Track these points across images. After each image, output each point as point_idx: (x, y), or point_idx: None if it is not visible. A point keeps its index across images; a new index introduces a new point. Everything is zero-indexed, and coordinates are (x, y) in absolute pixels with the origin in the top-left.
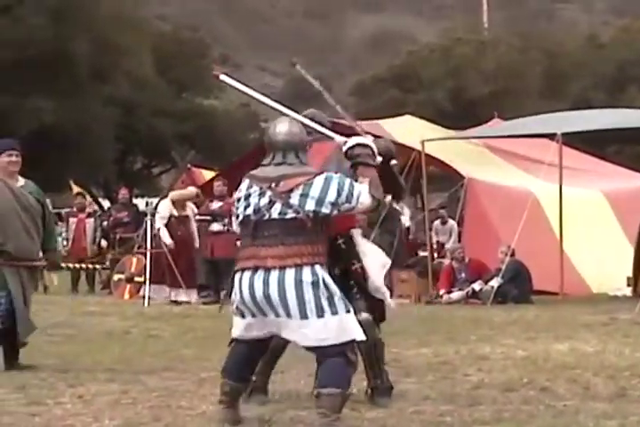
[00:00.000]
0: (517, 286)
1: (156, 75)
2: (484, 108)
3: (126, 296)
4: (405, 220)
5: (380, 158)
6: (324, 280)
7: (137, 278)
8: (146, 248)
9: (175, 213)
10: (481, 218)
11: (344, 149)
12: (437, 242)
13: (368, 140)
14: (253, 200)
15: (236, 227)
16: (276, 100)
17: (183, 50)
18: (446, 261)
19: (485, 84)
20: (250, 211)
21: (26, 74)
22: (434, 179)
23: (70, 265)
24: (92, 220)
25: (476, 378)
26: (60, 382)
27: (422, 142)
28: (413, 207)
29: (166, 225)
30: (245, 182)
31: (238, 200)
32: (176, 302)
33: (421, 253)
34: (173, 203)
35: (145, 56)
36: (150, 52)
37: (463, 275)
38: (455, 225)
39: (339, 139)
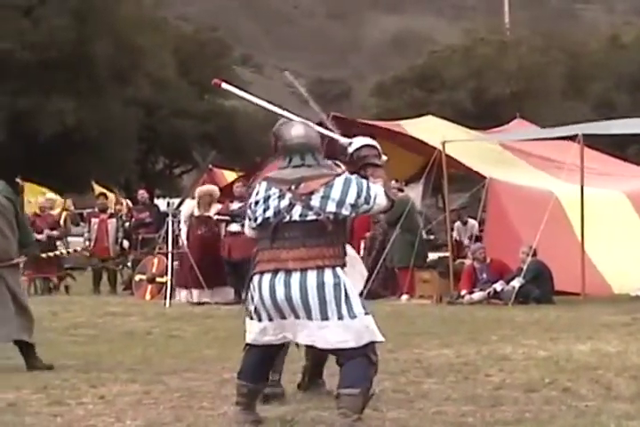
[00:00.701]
0: (539, 286)
1: (178, 75)
2: (506, 109)
3: (148, 297)
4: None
5: (385, 158)
6: (344, 283)
7: (158, 279)
8: (167, 249)
9: (196, 212)
10: (502, 218)
11: (350, 150)
12: (456, 241)
13: (372, 140)
14: (273, 203)
15: (248, 230)
16: (277, 105)
17: (204, 50)
18: (468, 262)
19: (507, 84)
20: (269, 213)
21: (48, 75)
22: (455, 179)
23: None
24: (114, 220)
25: (498, 378)
26: (82, 382)
27: (443, 143)
28: (434, 207)
29: (189, 225)
30: (263, 185)
31: (256, 203)
32: (197, 304)
33: (443, 254)
34: (199, 202)
35: (166, 57)
36: (171, 53)
37: (485, 275)
38: (476, 225)
39: (343, 140)
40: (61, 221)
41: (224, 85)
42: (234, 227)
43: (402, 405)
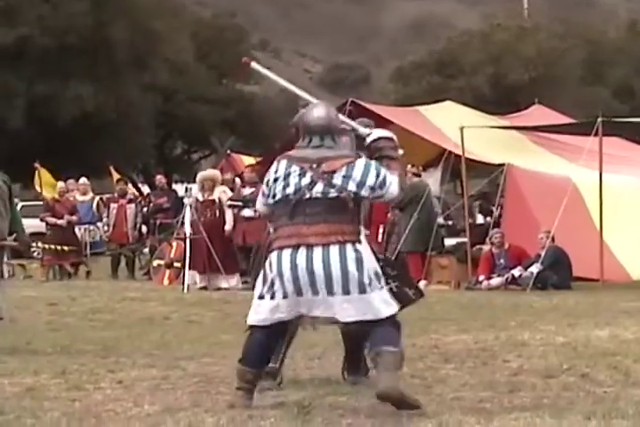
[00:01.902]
0: (557, 272)
1: (196, 61)
2: (525, 95)
3: (166, 282)
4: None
5: (401, 152)
6: (365, 257)
7: (176, 264)
8: (184, 234)
9: (200, 197)
10: (520, 204)
11: (368, 141)
12: (474, 224)
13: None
14: (293, 180)
15: (264, 208)
16: (303, 89)
17: (222, 36)
18: (486, 248)
19: (525, 70)
20: (290, 190)
21: (66, 60)
22: (473, 164)
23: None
24: (132, 205)
25: (516, 364)
26: (100, 367)
27: (461, 129)
28: (453, 193)
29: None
30: (282, 163)
31: (275, 180)
32: (205, 289)
33: (461, 239)
34: (202, 187)
35: (184, 42)
36: (189, 39)
37: (502, 261)
38: (494, 210)
39: (362, 130)
40: (94, 207)
41: (253, 64)
42: (247, 212)
43: (419, 390)
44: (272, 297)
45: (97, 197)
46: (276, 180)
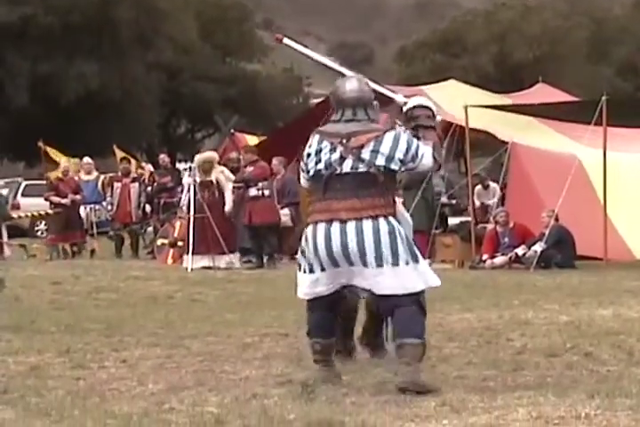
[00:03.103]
0: (561, 251)
1: (200, 40)
2: (529, 73)
3: (169, 261)
4: (438, 183)
5: (439, 118)
6: (399, 230)
7: (180, 243)
8: (188, 213)
9: (198, 178)
10: (525, 183)
11: (404, 109)
12: (482, 204)
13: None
14: (324, 156)
15: (304, 182)
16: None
17: (226, 14)
18: (490, 226)
19: (530, 48)
20: (321, 166)
21: (70, 39)
22: (477, 143)
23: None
24: (136, 184)
25: (520, 343)
26: (104, 346)
27: (465, 108)
28: (457, 172)
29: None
30: (315, 138)
31: (308, 155)
32: (209, 268)
33: (464, 218)
34: (199, 169)
35: (188, 21)
36: (194, 17)
37: (507, 240)
38: (497, 188)
39: (399, 99)
40: (99, 186)
41: (285, 40)
42: (252, 192)
43: (423, 369)
44: (311, 271)
45: (101, 177)
46: (309, 155)
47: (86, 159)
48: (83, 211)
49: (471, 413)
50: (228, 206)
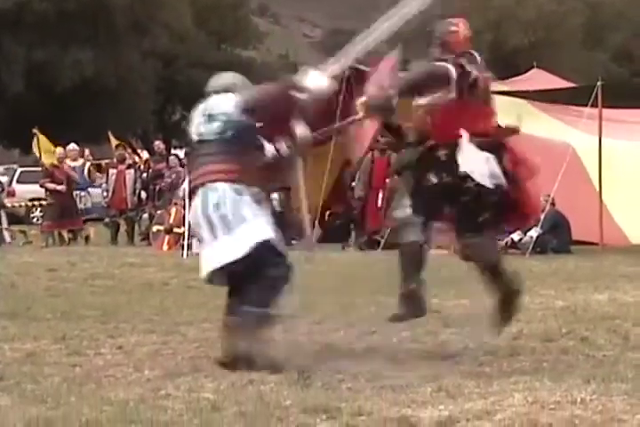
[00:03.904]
0: (557, 236)
1: (195, 26)
2: (524, 59)
3: (165, 247)
4: None
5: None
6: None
7: (176, 230)
8: (184, 199)
9: (185, 161)
10: None
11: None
12: None
13: None
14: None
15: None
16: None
17: (221, 1)
18: None
19: (525, 34)
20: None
21: (65, 26)
22: None
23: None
24: (131, 171)
25: (516, 328)
26: (100, 332)
27: None
28: None
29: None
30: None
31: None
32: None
33: None
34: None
35: (183, 8)
36: (189, 4)
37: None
38: None
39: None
40: (85, 172)
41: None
42: None
43: (419, 355)
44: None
45: (88, 163)
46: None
47: (72, 146)
48: None
49: (467, 398)
50: None
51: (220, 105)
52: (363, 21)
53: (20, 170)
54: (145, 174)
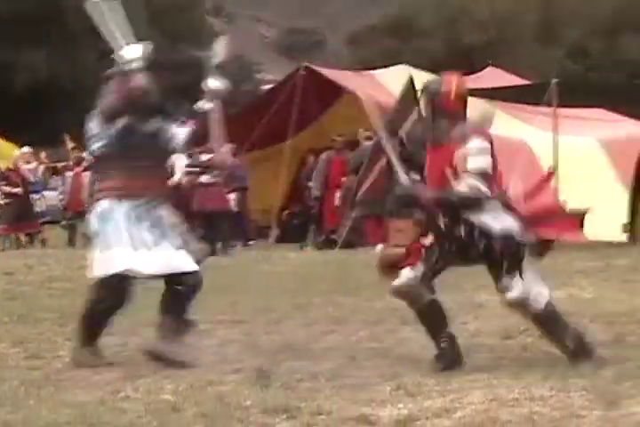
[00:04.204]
0: None
1: (150, 27)
2: (480, 57)
3: None
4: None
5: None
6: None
7: None
8: None
9: None
10: None
11: None
12: None
13: None
14: None
15: None
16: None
17: (176, 1)
18: None
19: (480, 32)
20: None
21: (19, 28)
22: None
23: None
24: (88, 173)
25: (474, 326)
26: (59, 335)
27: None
28: None
29: None
30: None
31: None
32: None
33: None
34: None
35: (137, 8)
36: (143, 4)
37: None
38: None
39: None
40: (39, 175)
41: None
42: (204, 178)
43: (378, 353)
44: None
45: (42, 166)
46: None
47: (25, 148)
48: None
49: (426, 396)
50: (177, 176)
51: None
52: (317, 19)
53: None
54: None
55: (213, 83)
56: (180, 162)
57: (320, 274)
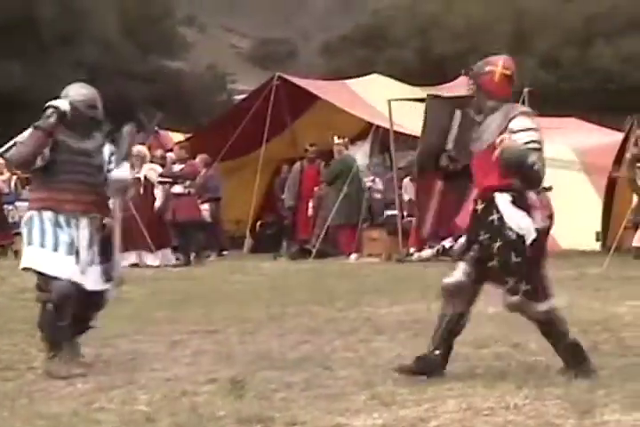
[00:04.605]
0: None
1: (122, 37)
2: (452, 66)
3: None
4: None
5: None
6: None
7: None
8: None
9: None
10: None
11: None
12: (409, 200)
13: None
14: None
15: None
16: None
17: (149, 11)
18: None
19: (453, 41)
20: None
21: None
22: (402, 136)
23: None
24: None
25: None
26: (32, 346)
27: (389, 101)
28: (382, 166)
29: None
30: None
31: None
32: (137, 266)
33: (391, 212)
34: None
35: (110, 19)
36: (115, 15)
37: None
38: None
39: None
40: (11, 185)
41: None
42: (177, 189)
43: (352, 363)
44: None
45: (14, 177)
46: None
47: None
48: None
49: (401, 406)
50: (159, 202)
51: None
52: (289, 29)
53: None
54: None
55: (118, 174)
56: (151, 174)
57: (294, 284)
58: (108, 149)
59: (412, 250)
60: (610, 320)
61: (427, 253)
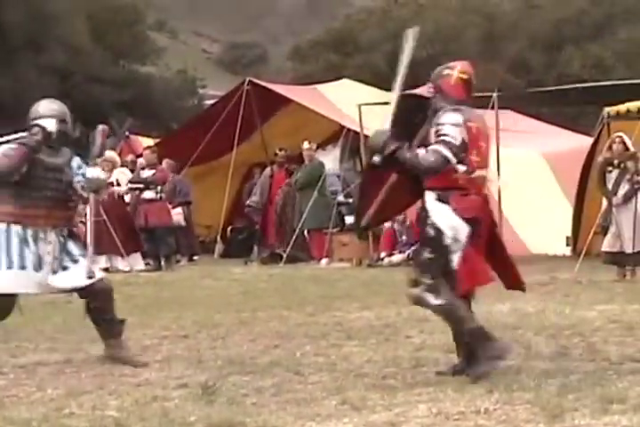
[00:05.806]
0: None
1: (92, 42)
2: (423, 71)
3: None
4: (333, 182)
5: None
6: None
7: None
8: (86, 217)
9: None
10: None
11: None
12: None
13: None
14: None
15: None
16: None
17: (118, 16)
18: (387, 224)
19: (423, 47)
20: None
21: None
22: None
23: None
24: None
25: (419, 340)
26: (2, 352)
27: (359, 106)
28: (353, 171)
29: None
30: None
31: None
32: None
33: None
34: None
35: (79, 23)
36: (85, 19)
37: (404, 237)
38: None
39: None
40: None
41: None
42: (148, 194)
43: (323, 368)
44: None
45: None
46: None
47: None
48: None
49: (372, 410)
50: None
51: None
52: (259, 34)
53: None
54: None
55: (93, 172)
56: (121, 177)
57: (265, 289)
58: (75, 161)
59: (382, 255)
60: (580, 325)
61: (397, 257)
